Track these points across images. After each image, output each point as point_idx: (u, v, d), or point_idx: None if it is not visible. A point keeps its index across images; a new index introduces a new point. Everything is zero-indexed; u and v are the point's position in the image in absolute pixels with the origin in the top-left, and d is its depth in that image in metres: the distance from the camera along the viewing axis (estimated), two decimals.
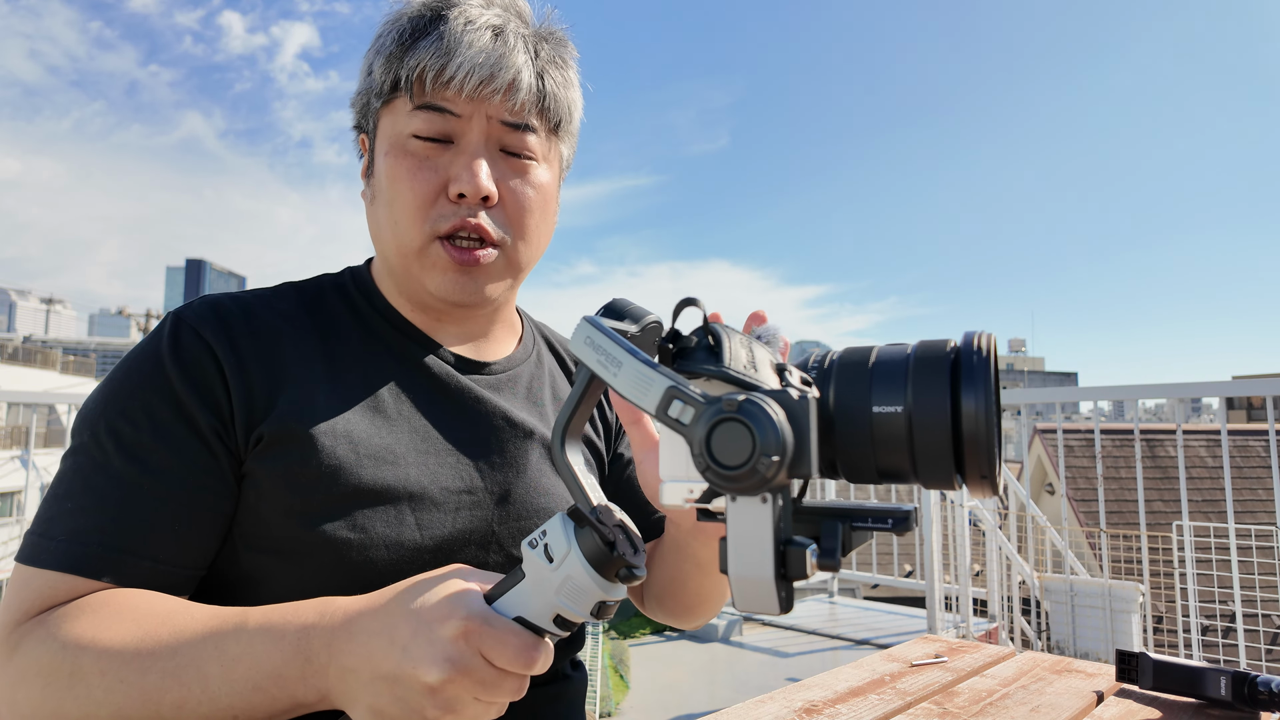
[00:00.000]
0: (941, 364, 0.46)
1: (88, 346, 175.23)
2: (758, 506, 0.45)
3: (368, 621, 0.54)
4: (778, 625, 4.13)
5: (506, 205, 0.77)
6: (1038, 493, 10.04)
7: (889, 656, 1.02)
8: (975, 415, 0.45)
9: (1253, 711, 0.80)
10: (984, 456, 0.45)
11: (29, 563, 0.64)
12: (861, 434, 0.47)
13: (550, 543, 0.52)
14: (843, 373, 0.49)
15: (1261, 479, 6.84)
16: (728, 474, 0.44)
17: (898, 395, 0.47)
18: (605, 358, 0.51)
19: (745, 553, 0.45)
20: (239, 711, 0.56)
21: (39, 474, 3.83)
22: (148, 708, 0.57)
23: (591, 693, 2.95)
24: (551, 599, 0.51)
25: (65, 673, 0.58)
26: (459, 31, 0.73)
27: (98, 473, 0.66)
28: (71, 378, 27.87)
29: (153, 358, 0.70)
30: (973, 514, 3.81)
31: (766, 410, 0.44)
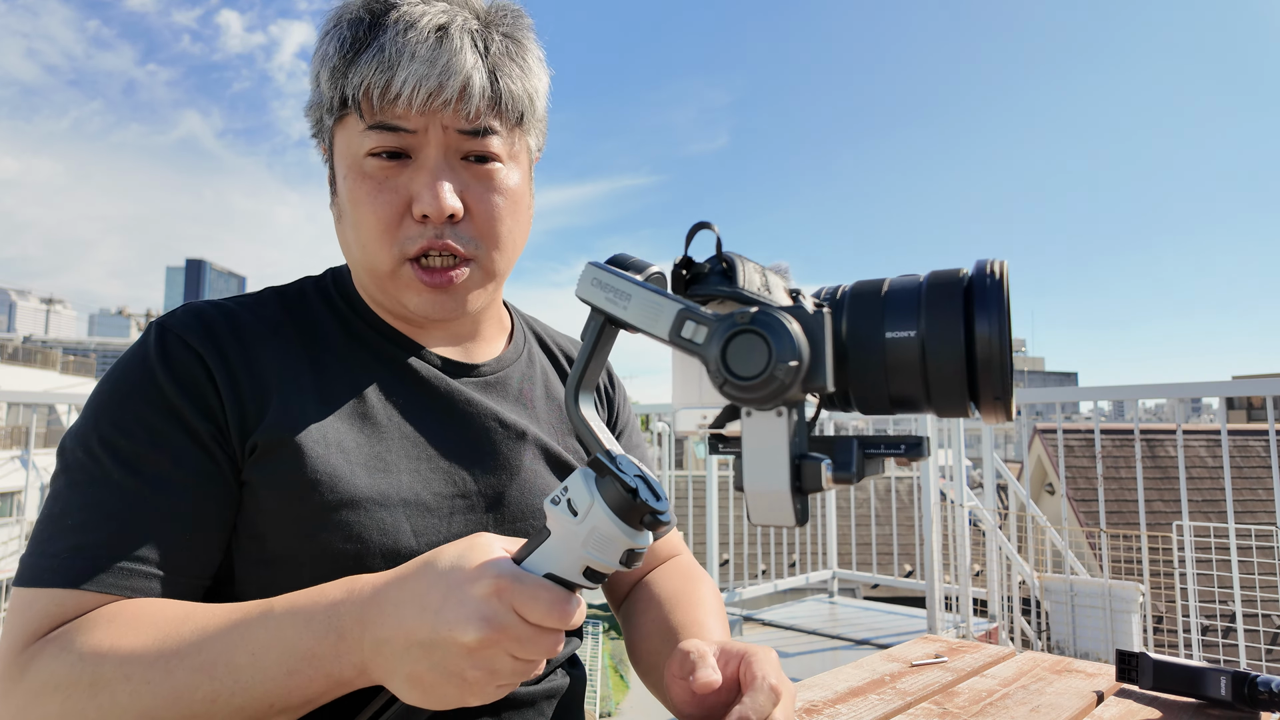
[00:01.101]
0: (955, 289, 0.46)
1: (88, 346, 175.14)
2: (773, 420, 0.46)
3: (397, 591, 0.53)
4: (778, 625, 4.13)
5: (475, 217, 0.74)
6: (1038, 493, 10.04)
7: (889, 656, 1.02)
8: (989, 338, 0.44)
9: (1253, 711, 0.80)
10: (998, 379, 0.45)
11: (31, 584, 0.62)
12: (874, 361, 0.47)
13: (573, 497, 0.52)
14: (855, 302, 0.49)
15: (1261, 479, 6.84)
16: (745, 384, 0.45)
17: (910, 320, 0.46)
18: (614, 294, 0.52)
19: (761, 466, 0.46)
20: (274, 698, 0.55)
21: (39, 474, 3.83)
22: (178, 707, 0.55)
23: (591, 693, 2.95)
24: (579, 552, 0.51)
25: (85, 683, 0.56)
26: (399, 40, 0.68)
27: (96, 487, 0.64)
28: (71, 378, 27.87)
29: (140, 368, 0.68)
30: (973, 514, 3.81)
31: (781, 320, 0.45)
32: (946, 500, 3.87)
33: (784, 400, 0.45)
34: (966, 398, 0.46)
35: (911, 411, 0.49)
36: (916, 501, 4.59)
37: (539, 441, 0.83)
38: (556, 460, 0.84)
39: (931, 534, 3.67)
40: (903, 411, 0.49)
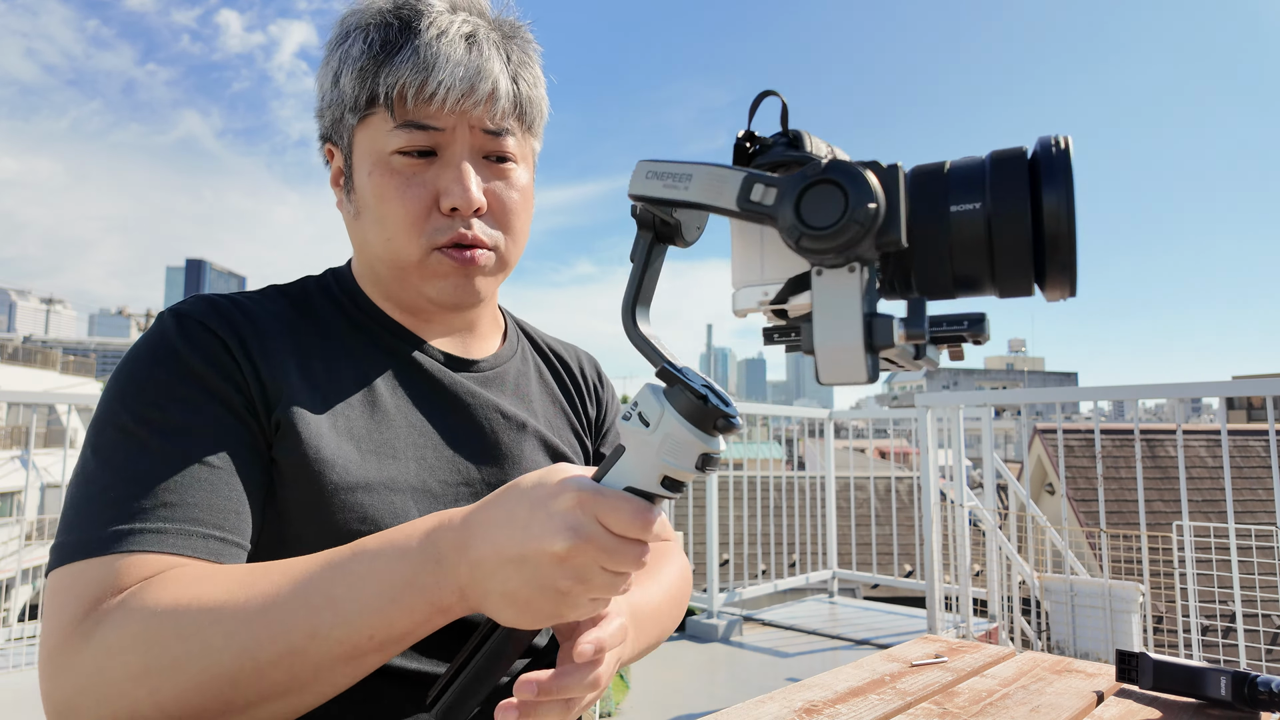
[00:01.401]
0: (1020, 162, 0.45)
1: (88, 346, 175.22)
2: (845, 276, 0.46)
3: (486, 514, 0.54)
4: (778, 625, 4.13)
5: (494, 210, 0.78)
6: (1038, 493, 10.04)
7: (889, 656, 1.02)
8: (1057, 208, 0.44)
9: (1253, 711, 0.80)
10: (1066, 250, 0.44)
11: (79, 557, 0.60)
12: (939, 237, 0.46)
13: (644, 409, 0.52)
14: (916, 180, 0.48)
15: (1261, 479, 6.84)
16: (822, 233, 0.45)
17: (976, 193, 0.45)
18: (672, 179, 0.52)
19: (833, 323, 0.46)
20: (375, 628, 0.55)
21: (39, 474, 3.84)
22: (276, 644, 0.54)
23: None
24: (656, 461, 0.52)
25: (169, 634, 0.55)
26: (434, 44, 0.72)
27: (137, 460, 0.63)
28: (71, 378, 27.88)
29: (164, 347, 0.69)
30: (973, 514, 3.81)
31: (859, 171, 0.45)
32: (946, 500, 3.87)
33: (858, 254, 0.45)
34: (1032, 273, 0.45)
35: (974, 293, 0.48)
36: (916, 501, 4.59)
37: (538, 433, 0.86)
38: (555, 451, 0.87)
39: (931, 534, 3.67)
40: (965, 293, 0.48)
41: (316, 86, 0.80)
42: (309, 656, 0.55)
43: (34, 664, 3.21)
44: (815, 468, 5.23)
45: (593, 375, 1.01)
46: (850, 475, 5.31)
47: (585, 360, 1.02)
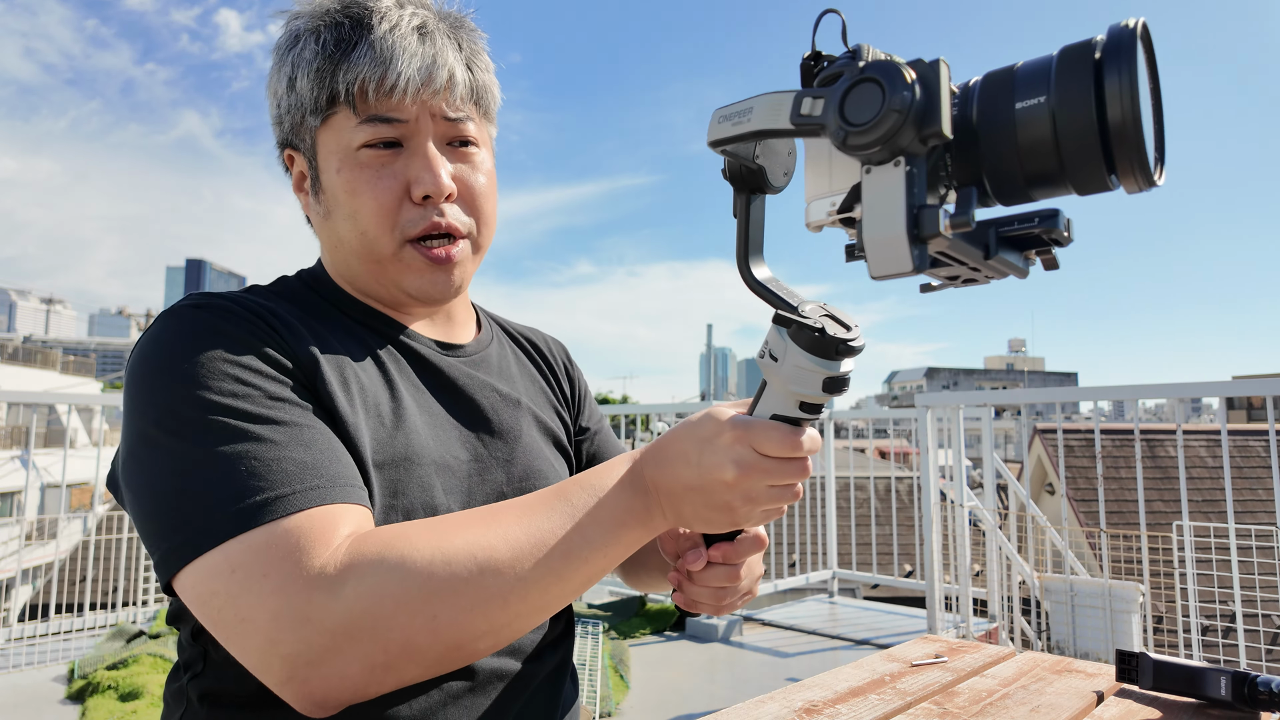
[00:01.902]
0: (1086, 52, 0.45)
1: (88, 346, 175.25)
2: (890, 171, 0.48)
3: (665, 451, 0.63)
4: (778, 625, 4.13)
5: (464, 196, 0.80)
6: (1038, 493, 10.04)
7: (889, 656, 1.02)
8: (1120, 96, 0.43)
9: (1253, 712, 0.80)
10: (1133, 139, 0.43)
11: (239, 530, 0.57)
12: (1006, 136, 0.47)
13: (772, 347, 0.58)
14: (986, 83, 0.49)
15: (1261, 479, 6.85)
16: (862, 129, 0.47)
17: (1041, 87, 0.46)
18: (738, 116, 0.55)
19: (879, 216, 0.48)
20: (610, 550, 0.63)
21: (39, 474, 3.84)
22: (540, 566, 0.60)
23: (591, 693, 2.95)
24: (790, 390, 0.58)
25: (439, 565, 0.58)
26: (388, 37, 0.74)
27: (247, 427, 0.62)
28: (71, 378, 27.89)
29: (210, 330, 0.67)
30: (973, 514, 3.81)
31: (895, 65, 0.47)
32: (946, 500, 3.87)
33: (900, 147, 0.47)
34: (1103, 165, 0.44)
35: (1051, 192, 0.48)
36: (916, 501, 4.59)
37: (530, 410, 0.90)
38: (545, 427, 0.92)
39: (931, 534, 3.67)
40: (1041, 193, 0.48)
41: (269, 95, 0.81)
42: (563, 576, 0.62)
43: (34, 664, 3.21)
44: (815, 468, 5.23)
45: (562, 356, 1.05)
46: (850, 475, 5.31)
47: (553, 344, 1.06)
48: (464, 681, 0.74)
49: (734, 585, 0.75)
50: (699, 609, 0.78)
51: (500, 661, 0.77)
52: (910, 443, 5.15)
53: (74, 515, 4.26)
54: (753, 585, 0.80)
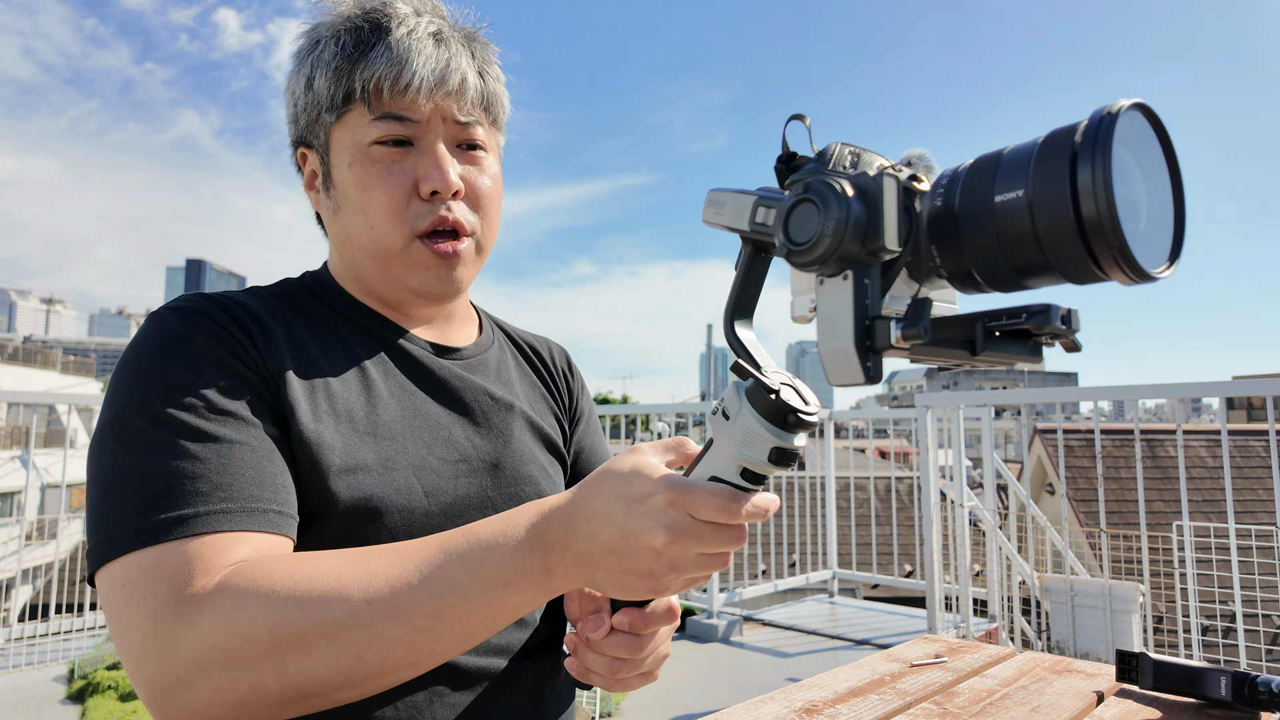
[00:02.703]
0: (1065, 141, 0.43)
1: (88, 346, 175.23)
2: (839, 284, 0.49)
3: (584, 508, 0.58)
4: (778, 625, 4.13)
5: (470, 196, 0.82)
6: (1038, 493, 10.04)
7: (889, 657, 1.02)
8: (1093, 191, 0.41)
9: (1253, 712, 0.80)
10: (1110, 231, 0.41)
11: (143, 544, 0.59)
12: (986, 227, 0.46)
13: (727, 405, 0.56)
14: (970, 172, 0.48)
15: (1261, 479, 6.84)
16: (801, 248, 0.48)
17: (1020, 180, 0.44)
18: (717, 206, 0.58)
19: (831, 327, 0.49)
20: (490, 610, 0.59)
21: (39, 474, 3.84)
22: (401, 622, 0.57)
23: (591, 693, 2.95)
24: (735, 452, 0.55)
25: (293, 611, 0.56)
26: (405, 40, 0.77)
27: (179, 443, 0.63)
28: (71, 378, 27.88)
29: (176, 337, 0.69)
30: (973, 514, 3.81)
31: (832, 185, 0.47)
32: (946, 500, 3.87)
33: (843, 261, 0.48)
34: (1088, 260, 0.43)
35: (1040, 281, 0.47)
36: (916, 501, 4.59)
37: (524, 414, 0.90)
38: (539, 432, 0.91)
39: (931, 534, 3.67)
40: (1031, 282, 0.47)
41: (287, 97, 0.84)
42: (430, 634, 0.58)
43: (34, 664, 3.21)
44: (815, 468, 5.24)
45: (563, 363, 1.04)
46: (850, 475, 5.31)
47: (555, 350, 1.05)
48: (449, 681, 0.74)
49: (635, 659, 0.68)
50: (590, 680, 0.72)
51: (487, 660, 0.77)
52: (910, 443, 5.15)
53: (74, 515, 4.26)
54: (656, 665, 0.72)
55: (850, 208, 0.47)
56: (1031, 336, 0.50)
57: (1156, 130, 0.46)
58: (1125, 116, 0.43)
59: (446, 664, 0.73)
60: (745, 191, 0.56)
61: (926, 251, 0.49)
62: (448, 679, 0.74)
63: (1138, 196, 0.45)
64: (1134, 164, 0.45)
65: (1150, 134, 0.46)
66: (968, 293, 0.52)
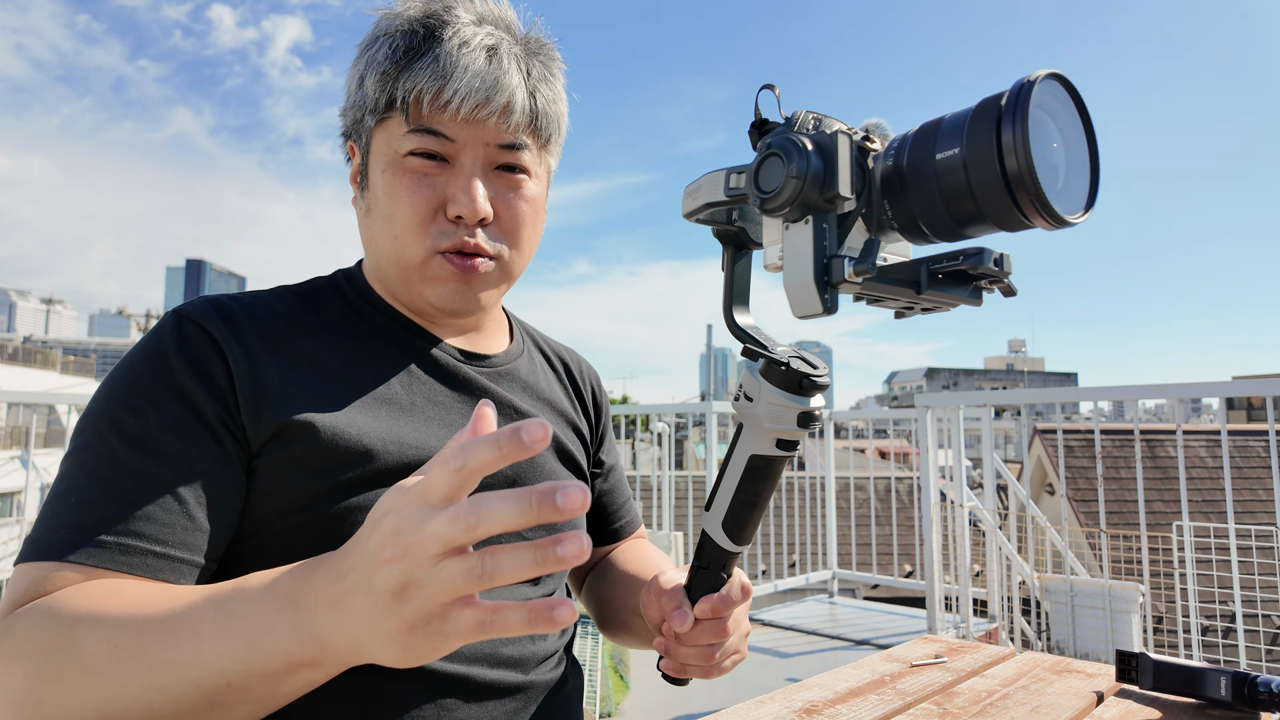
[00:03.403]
0: (994, 106, 0.50)
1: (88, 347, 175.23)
2: (802, 228, 0.55)
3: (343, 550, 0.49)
4: (777, 626, 4.13)
5: (501, 220, 0.80)
6: (1038, 493, 10.04)
7: (889, 657, 1.02)
8: (1014, 149, 0.48)
9: (1253, 712, 0.80)
10: (1030, 184, 0.48)
11: (29, 559, 0.61)
12: (929, 182, 0.53)
13: (746, 388, 0.62)
14: (917, 136, 0.55)
15: (1261, 479, 6.84)
16: (769, 196, 0.55)
17: (956, 140, 0.51)
18: (694, 192, 0.65)
19: (795, 265, 0.55)
20: (230, 674, 0.50)
21: (39, 474, 3.84)
22: (142, 673, 0.52)
23: (591, 693, 2.95)
24: (767, 428, 0.61)
25: (63, 645, 0.54)
26: (454, 53, 0.74)
27: (103, 466, 0.65)
28: (71, 378, 27.87)
29: (155, 350, 0.70)
30: (973, 514, 3.81)
31: (794, 140, 0.54)
32: (946, 500, 3.87)
33: (805, 207, 0.54)
34: (1014, 208, 0.49)
35: (978, 230, 0.53)
36: (916, 502, 4.59)
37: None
38: (562, 449, 0.90)
39: (931, 534, 3.67)
40: (970, 231, 0.53)
41: (345, 86, 0.83)
42: (168, 693, 0.51)
43: None
44: (815, 468, 5.24)
45: (592, 381, 1.03)
46: (850, 475, 5.31)
47: (585, 368, 1.04)
48: (459, 694, 0.73)
49: (722, 641, 0.72)
50: (689, 673, 0.75)
51: (498, 673, 0.75)
52: (910, 443, 5.14)
53: None
54: (741, 642, 0.78)
55: (810, 160, 0.53)
56: (971, 279, 0.57)
57: (1073, 97, 0.53)
58: (1042, 85, 0.49)
59: (457, 677, 0.72)
60: (717, 170, 0.63)
61: (880, 206, 0.56)
62: (458, 692, 0.72)
63: (1056, 154, 0.52)
64: (1053, 126, 0.52)
65: (1068, 100, 0.53)
66: (918, 243, 0.58)
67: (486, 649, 0.75)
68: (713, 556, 0.72)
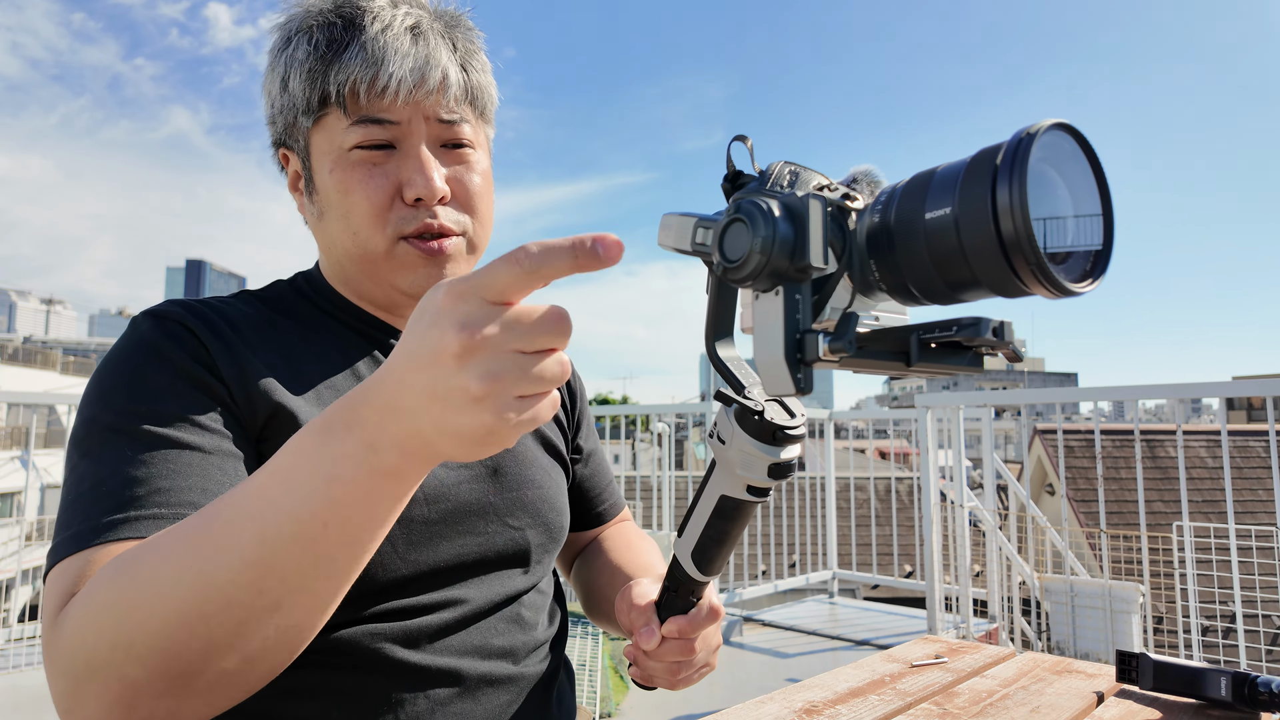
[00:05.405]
0: (989, 160, 0.44)
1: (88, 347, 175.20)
2: (771, 299, 0.51)
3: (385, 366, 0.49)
4: (777, 626, 4.13)
5: (458, 196, 0.79)
6: (1038, 493, 10.04)
7: (889, 657, 1.02)
8: (1010, 210, 0.42)
9: (1253, 712, 0.80)
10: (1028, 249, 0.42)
11: (71, 552, 0.58)
12: (918, 244, 0.47)
13: (720, 429, 0.59)
14: (906, 189, 0.49)
15: (1261, 479, 6.84)
16: (733, 266, 0.50)
17: (948, 197, 0.46)
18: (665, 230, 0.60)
19: (765, 340, 0.51)
20: (329, 517, 0.49)
21: (39, 474, 3.84)
22: (227, 558, 0.49)
23: (591, 693, 2.95)
24: (737, 474, 0.59)
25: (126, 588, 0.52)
26: (380, 38, 0.73)
27: (127, 455, 0.63)
28: (71, 378, 27.87)
29: (146, 345, 0.69)
30: (973, 514, 3.81)
31: (759, 205, 0.49)
32: (946, 501, 3.87)
33: (774, 277, 0.49)
34: (1010, 273, 0.44)
35: (974, 295, 0.48)
36: (916, 502, 4.59)
37: None
38: (541, 436, 0.91)
39: (931, 534, 3.67)
40: (965, 296, 0.48)
41: (264, 95, 0.81)
42: (269, 567, 0.49)
43: (34, 664, 3.21)
44: (815, 468, 5.23)
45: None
46: (850, 475, 5.31)
47: None
48: (451, 688, 0.73)
49: (689, 659, 0.73)
50: (655, 683, 0.77)
51: (489, 665, 0.75)
52: (910, 443, 5.14)
53: None
54: (710, 657, 0.78)
55: (777, 226, 0.49)
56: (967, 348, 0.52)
57: (1083, 148, 0.47)
58: (1046, 137, 0.44)
59: (448, 670, 0.72)
60: (689, 214, 0.58)
61: (866, 266, 0.51)
62: (449, 685, 0.73)
63: (1063, 213, 0.47)
64: (1060, 182, 0.47)
65: (1077, 152, 0.47)
66: (908, 305, 0.53)
67: (477, 641, 0.75)
68: (682, 581, 0.71)
